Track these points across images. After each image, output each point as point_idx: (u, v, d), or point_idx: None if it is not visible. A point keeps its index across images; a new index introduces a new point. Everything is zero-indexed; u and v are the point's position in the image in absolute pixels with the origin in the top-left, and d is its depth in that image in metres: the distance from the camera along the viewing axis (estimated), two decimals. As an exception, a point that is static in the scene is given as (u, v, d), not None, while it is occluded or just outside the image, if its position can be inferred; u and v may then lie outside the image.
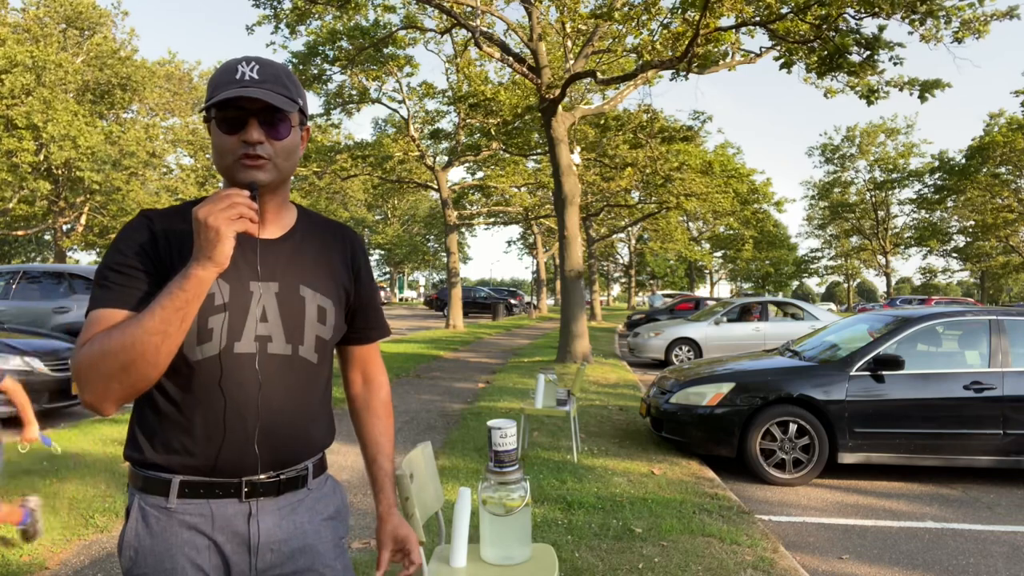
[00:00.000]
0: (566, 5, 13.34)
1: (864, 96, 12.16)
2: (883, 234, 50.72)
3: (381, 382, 1.56)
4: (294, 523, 1.30)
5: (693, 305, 21.32)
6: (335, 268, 1.38)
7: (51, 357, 6.90)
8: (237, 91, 1.18)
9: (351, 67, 18.86)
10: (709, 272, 62.44)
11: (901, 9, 10.48)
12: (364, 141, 25.38)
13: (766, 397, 5.64)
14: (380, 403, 1.55)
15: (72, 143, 25.25)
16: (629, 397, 9.23)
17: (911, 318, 5.97)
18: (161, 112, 34.99)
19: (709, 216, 41.73)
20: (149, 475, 1.24)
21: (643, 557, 3.66)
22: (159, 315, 1.09)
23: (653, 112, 18.50)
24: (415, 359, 13.35)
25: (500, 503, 2.32)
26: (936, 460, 5.50)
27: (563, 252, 13.46)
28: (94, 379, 1.10)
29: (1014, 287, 64.64)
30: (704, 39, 10.80)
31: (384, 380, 1.58)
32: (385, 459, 1.51)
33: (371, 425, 1.53)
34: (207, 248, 1.10)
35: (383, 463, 1.50)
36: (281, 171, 1.26)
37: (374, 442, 1.52)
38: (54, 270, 10.21)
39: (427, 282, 74.01)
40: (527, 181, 27.80)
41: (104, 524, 3.98)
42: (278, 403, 1.25)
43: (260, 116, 1.21)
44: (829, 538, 4.38)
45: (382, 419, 1.54)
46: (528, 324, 28.44)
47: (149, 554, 1.22)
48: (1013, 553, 4.15)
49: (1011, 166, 36.92)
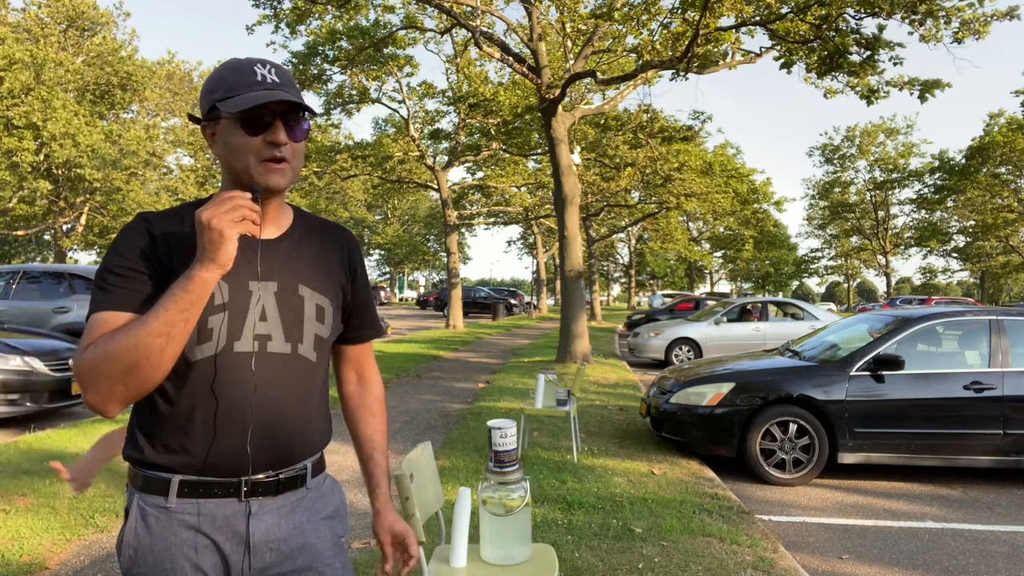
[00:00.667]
0: (566, 5, 13.35)
1: (864, 96, 12.17)
2: (883, 234, 50.72)
3: (375, 381, 1.58)
4: (293, 522, 1.30)
5: (693, 305, 21.33)
6: (332, 267, 1.39)
7: (51, 357, 6.89)
8: (269, 94, 1.20)
9: (351, 67, 18.85)
10: (709, 272, 62.45)
11: (901, 9, 10.48)
12: (364, 141, 25.39)
13: (766, 397, 5.64)
14: (374, 400, 1.55)
15: (72, 141, 25.26)
16: (629, 397, 9.23)
17: (911, 318, 5.97)
18: (161, 112, 35.01)
19: (709, 216, 41.72)
20: (149, 475, 1.24)
21: (643, 557, 3.66)
22: (163, 317, 1.10)
23: (653, 112, 18.51)
24: (415, 359, 13.35)
25: (500, 503, 2.32)
26: (936, 460, 5.50)
27: (563, 252, 13.46)
28: (98, 381, 1.10)
29: (1014, 287, 64.62)
30: (704, 39, 10.81)
31: (377, 379, 1.59)
32: (380, 455, 1.52)
33: (365, 423, 1.53)
34: (210, 250, 1.11)
35: (379, 459, 1.51)
36: (295, 173, 1.29)
37: (368, 439, 1.52)
38: (54, 270, 10.21)
39: (427, 282, 74.03)
40: (527, 181, 27.81)
41: (104, 524, 3.98)
42: (277, 402, 1.26)
43: (284, 118, 1.24)
44: (829, 538, 4.38)
45: (376, 416, 1.55)
46: (528, 324, 28.44)
47: (148, 553, 1.22)
48: (1013, 553, 4.15)
49: (1011, 166, 36.94)
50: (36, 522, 3.93)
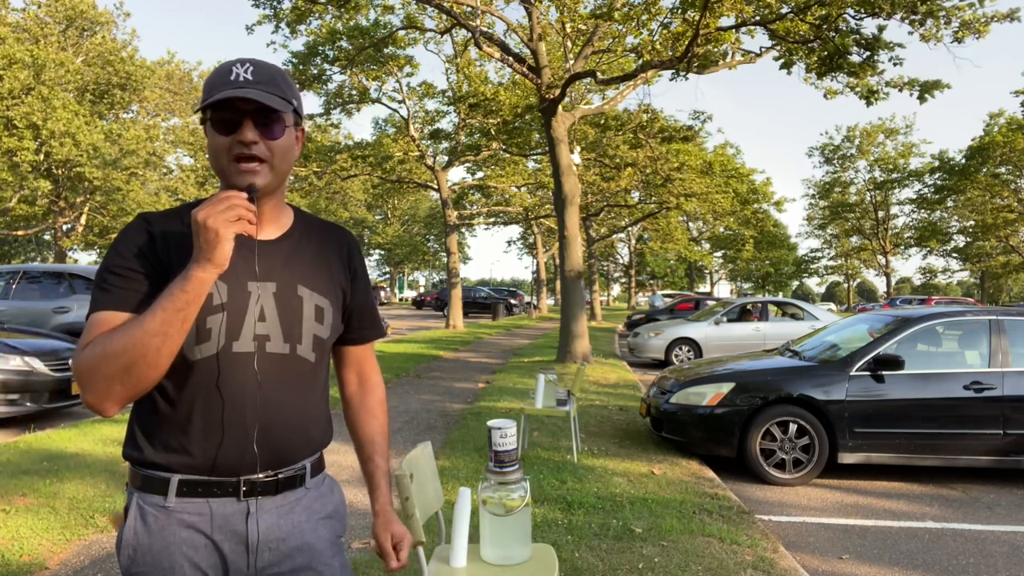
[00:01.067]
0: (566, 5, 13.34)
1: (864, 96, 12.17)
2: (883, 234, 50.71)
3: (376, 382, 1.57)
4: (292, 522, 1.30)
5: (693, 305, 21.33)
6: (332, 268, 1.39)
7: (51, 357, 6.89)
8: (231, 92, 1.19)
9: (351, 67, 18.85)
10: (709, 272, 62.45)
11: (901, 9, 10.48)
12: (364, 141, 25.39)
13: (766, 397, 5.64)
14: (376, 402, 1.55)
15: (72, 140, 25.27)
16: (629, 397, 9.23)
17: (911, 318, 5.97)
18: (161, 112, 35.00)
19: (709, 216, 41.71)
20: (148, 474, 1.25)
21: (643, 557, 3.66)
22: (160, 317, 1.10)
23: (653, 112, 18.52)
24: (415, 359, 13.35)
25: (500, 503, 2.32)
26: (936, 460, 5.50)
27: (563, 252, 13.46)
28: (96, 381, 1.11)
29: (1014, 287, 64.64)
30: (704, 39, 10.80)
31: (379, 380, 1.58)
32: (380, 458, 1.51)
33: (366, 424, 1.53)
34: (207, 250, 1.11)
35: (379, 461, 1.51)
36: (277, 172, 1.27)
37: (369, 441, 1.52)
38: (54, 270, 10.21)
39: (427, 282, 74.03)
40: (527, 181, 27.80)
41: (104, 524, 3.98)
42: (276, 402, 1.26)
43: (254, 117, 1.22)
44: (829, 538, 4.38)
45: (377, 418, 1.54)
46: (528, 324, 28.44)
47: (147, 553, 1.22)
48: (1013, 553, 4.15)
49: (1011, 166, 36.94)
50: (36, 522, 3.92)
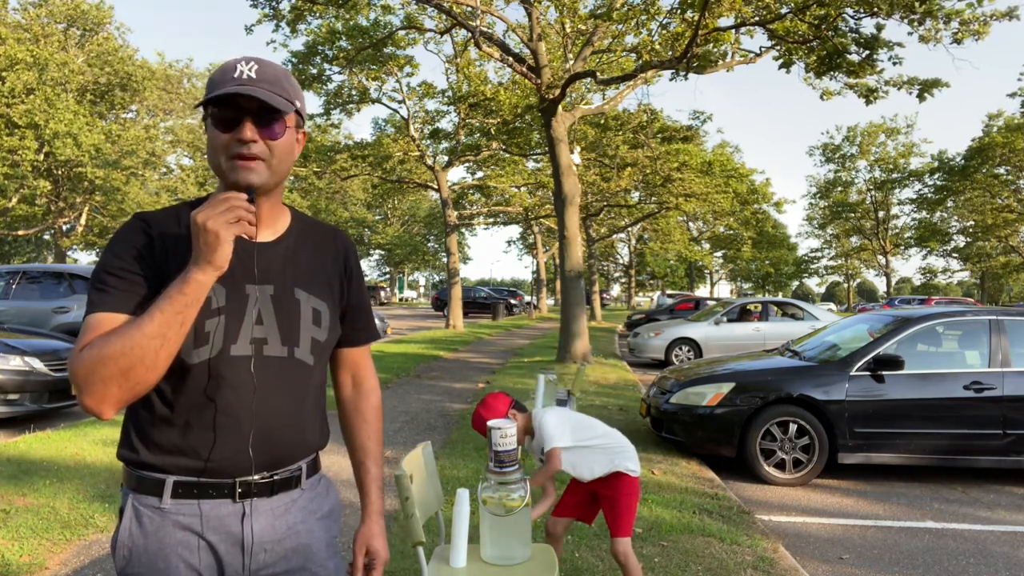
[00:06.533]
0: (565, 5, 13.35)
1: (863, 96, 12.18)
2: (883, 234, 50.71)
3: (371, 387, 1.54)
4: (288, 523, 1.30)
5: (693, 305, 21.34)
6: (329, 271, 1.39)
7: (51, 357, 6.89)
8: (234, 88, 1.18)
9: (351, 67, 18.86)
10: (709, 272, 62.45)
11: (900, 9, 10.48)
12: (364, 141, 25.39)
13: (766, 397, 5.64)
14: (370, 408, 1.53)
15: (74, 141, 25.27)
16: (629, 397, 9.23)
17: (911, 318, 5.97)
18: (161, 113, 35.00)
19: (709, 216, 41.73)
20: (143, 475, 1.24)
21: (643, 557, 3.65)
22: (158, 319, 1.09)
23: (653, 112, 18.53)
24: (415, 359, 13.34)
25: (500, 503, 2.31)
26: (936, 460, 5.50)
27: (563, 252, 13.46)
28: (93, 383, 1.09)
29: (1014, 287, 64.63)
30: (703, 39, 10.81)
31: (375, 385, 1.56)
32: (373, 464, 1.50)
33: (360, 429, 1.51)
34: (206, 252, 1.10)
35: (370, 467, 1.49)
36: (275, 172, 1.26)
37: (362, 447, 1.50)
38: (54, 270, 10.21)
39: (427, 282, 74.03)
40: (527, 181, 27.81)
41: (104, 524, 3.98)
42: (273, 405, 1.25)
43: (255, 115, 1.21)
44: (829, 538, 4.37)
45: (371, 423, 1.52)
46: (528, 324, 28.43)
47: (143, 554, 1.22)
48: (1013, 553, 4.15)
49: (1010, 166, 36.95)
50: (36, 522, 3.92)
